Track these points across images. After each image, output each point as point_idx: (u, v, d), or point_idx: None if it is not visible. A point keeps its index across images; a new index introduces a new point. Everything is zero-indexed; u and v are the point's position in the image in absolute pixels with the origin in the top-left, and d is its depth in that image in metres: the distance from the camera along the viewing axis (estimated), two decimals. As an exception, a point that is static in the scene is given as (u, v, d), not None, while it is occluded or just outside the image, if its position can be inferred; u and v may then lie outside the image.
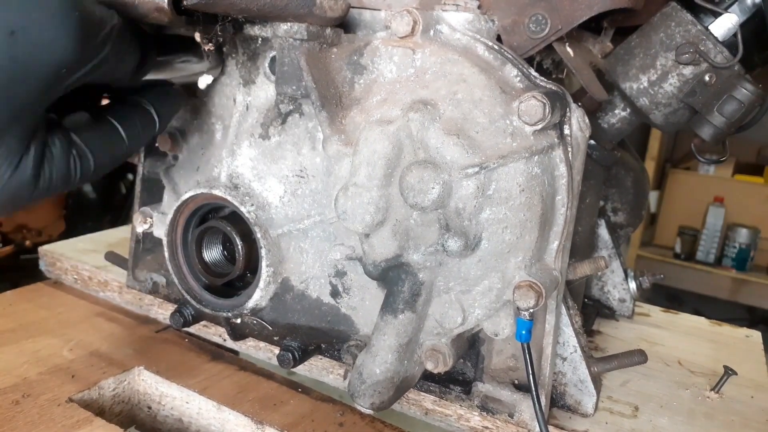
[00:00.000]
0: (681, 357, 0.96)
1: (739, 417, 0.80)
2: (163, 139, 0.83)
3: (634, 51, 0.78)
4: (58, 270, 1.10)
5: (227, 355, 0.90)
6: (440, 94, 0.64)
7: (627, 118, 0.84)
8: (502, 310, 0.66)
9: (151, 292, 0.95)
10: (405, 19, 0.66)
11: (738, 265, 3.53)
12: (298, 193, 0.73)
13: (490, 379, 0.74)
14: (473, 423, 0.76)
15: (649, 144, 3.49)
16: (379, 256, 0.67)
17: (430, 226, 0.64)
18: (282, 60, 0.68)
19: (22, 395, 0.74)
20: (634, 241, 3.61)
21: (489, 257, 0.64)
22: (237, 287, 0.80)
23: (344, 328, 0.75)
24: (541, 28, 0.71)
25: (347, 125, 0.67)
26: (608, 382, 0.86)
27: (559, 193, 0.66)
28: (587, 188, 0.86)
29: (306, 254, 0.75)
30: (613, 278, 1.05)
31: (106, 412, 0.79)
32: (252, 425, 0.74)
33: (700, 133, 0.76)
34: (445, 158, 0.61)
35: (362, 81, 0.70)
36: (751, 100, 0.72)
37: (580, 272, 0.76)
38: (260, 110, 0.75)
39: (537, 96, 0.60)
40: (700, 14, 0.74)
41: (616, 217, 1.03)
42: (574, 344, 0.76)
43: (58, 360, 0.83)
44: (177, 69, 0.69)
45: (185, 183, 0.83)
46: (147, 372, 0.82)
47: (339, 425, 0.75)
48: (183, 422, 0.81)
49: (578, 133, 0.67)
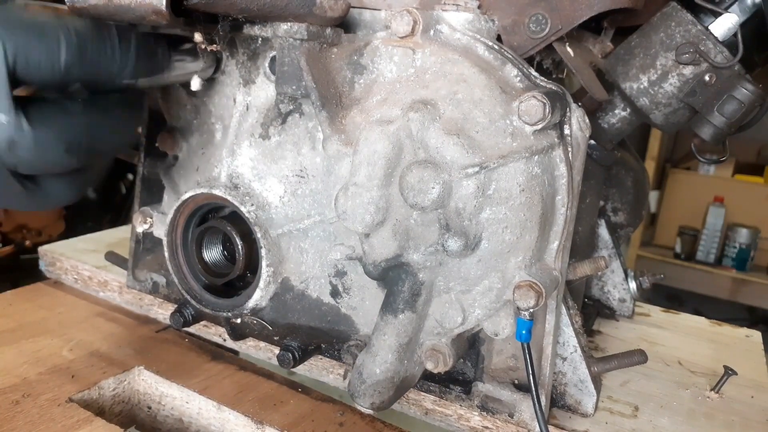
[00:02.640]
0: (681, 357, 0.96)
1: (739, 417, 0.80)
2: (164, 139, 0.83)
3: (634, 51, 0.78)
4: (58, 270, 1.10)
5: (227, 355, 0.90)
6: (440, 94, 0.64)
7: (627, 118, 0.84)
8: (502, 310, 0.66)
9: (151, 292, 0.95)
10: (405, 19, 0.66)
11: (738, 265, 3.53)
12: (298, 193, 0.73)
13: (490, 379, 0.74)
14: (473, 423, 0.76)
15: (649, 144, 3.49)
16: (379, 256, 0.67)
17: (430, 226, 0.64)
18: (282, 60, 0.68)
19: (22, 395, 0.74)
20: (634, 241, 3.61)
21: (489, 257, 0.64)
22: (237, 287, 0.80)
23: (344, 328, 0.75)
24: (541, 28, 0.71)
25: (347, 125, 0.67)
26: (608, 382, 0.86)
27: (559, 193, 0.66)
28: (587, 188, 0.86)
29: (306, 254, 0.75)
30: (613, 278, 1.05)
31: (106, 412, 0.79)
32: (252, 425, 0.74)
33: (700, 133, 0.76)
34: (445, 158, 0.61)
35: (362, 81, 0.70)
36: (751, 100, 0.72)
37: (580, 272, 0.76)
38: (260, 110, 0.75)
39: (537, 96, 0.60)
40: (700, 14, 0.74)
41: (616, 217, 1.03)
42: (574, 344, 0.76)
43: (58, 360, 0.83)
44: (172, 68, 0.69)
45: (185, 183, 0.83)
46: (147, 372, 0.82)
47: (339, 425, 0.75)
48: (183, 422, 0.81)
49: (578, 133, 0.67)
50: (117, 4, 0.55)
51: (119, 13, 0.56)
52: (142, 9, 0.56)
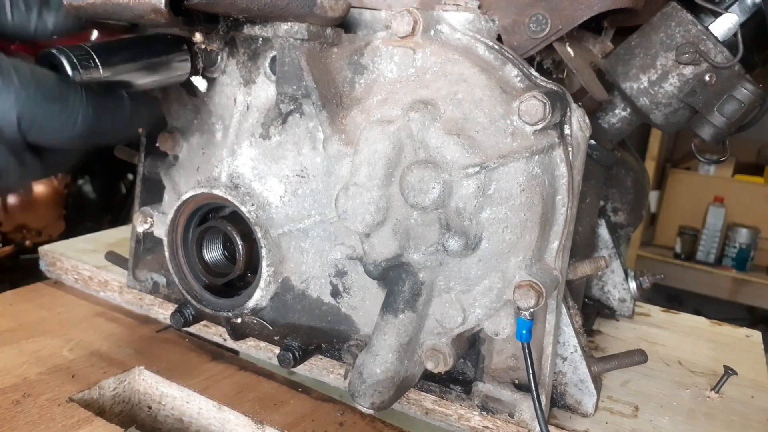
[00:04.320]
0: (681, 357, 0.96)
1: (739, 417, 0.80)
2: (164, 139, 0.83)
3: (635, 51, 0.78)
4: (58, 270, 1.10)
5: (227, 354, 0.90)
6: (441, 93, 0.64)
7: (627, 118, 0.84)
8: (503, 310, 0.66)
9: (152, 292, 0.95)
10: (405, 19, 0.66)
11: (738, 265, 3.53)
12: (298, 192, 0.73)
13: (491, 379, 0.74)
14: (473, 423, 0.76)
15: (649, 144, 3.50)
16: (379, 255, 0.67)
17: (431, 226, 0.64)
18: (282, 60, 0.68)
19: (22, 395, 0.74)
20: (635, 241, 3.61)
21: (489, 257, 0.64)
22: (237, 287, 0.80)
23: (345, 327, 0.75)
24: (542, 27, 0.71)
25: (348, 125, 0.67)
26: (608, 382, 0.86)
27: (560, 193, 0.66)
28: (587, 188, 0.86)
29: (306, 254, 0.75)
30: (614, 278, 1.05)
31: (107, 412, 0.79)
32: (252, 425, 0.74)
33: (701, 133, 0.76)
34: (445, 158, 0.61)
35: (363, 81, 0.70)
36: (751, 100, 0.72)
37: (581, 272, 0.76)
38: (261, 110, 0.75)
39: (537, 96, 0.60)
40: (700, 14, 0.74)
41: (616, 217, 1.03)
42: (574, 344, 0.76)
43: (58, 360, 0.83)
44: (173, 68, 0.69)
45: (186, 183, 0.83)
46: (147, 372, 0.82)
47: (339, 425, 0.75)
48: (183, 422, 0.81)
49: (578, 133, 0.67)
50: (115, 3, 0.55)
51: (117, 11, 0.56)
52: (141, 7, 0.55)
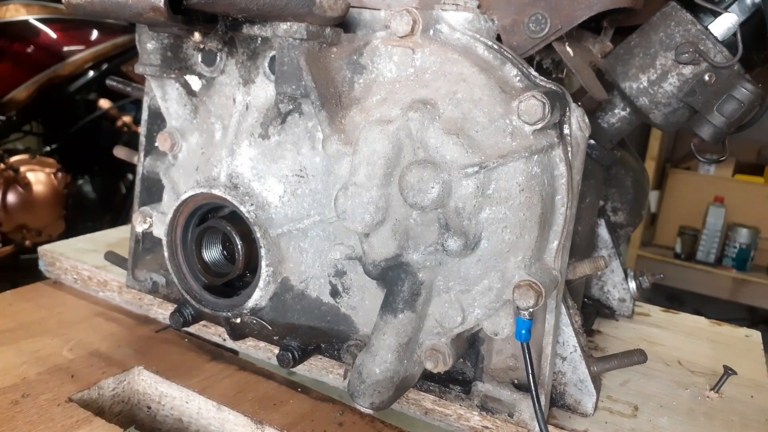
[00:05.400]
0: (681, 357, 0.96)
1: (738, 417, 0.80)
2: (164, 139, 0.83)
3: (634, 51, 0.78)
4: (57, 270, 1.10)
5: (227, 354, 0.90)
6: (440, 93, 0.64)
7: (627, 117, 0.84)
8: (502, 310, 0.66)
9: (151, 292, 0.95)
10: (405, 19, 0.66)
11: (738, 265, 3.53)
12: (297, 192, 0.73)
13: (490, 379, 0.74)
14: (473, 422, 0.76)
15: (649, 144, 3.49)
16: (378, 255, 0.67)
17: (430, 226, 0.64)
18: (282, 59, 0.68)
19: (21, 395, 0.74)
20: (634, 241, 3.61)
21: (488, 257, 0.64)
22: (236, 287, 0.80)
23: (344, 327, 0.75)
24: (541, 27, 0.71)
25: (347, 125, 0.67)
26: (608, 382, 0.86)
27: (559, 193, 0.66)
28: (587, 188, 0.86)
29: (306, 254, 0.75)
30: (613, 278, 1.05)
31: (106, 412, 0.79)
32: (251, 425, 0.74)
33: (700, 132, 0.76)
34: (444, 158, 0.61)
35: (362, 80, 0.70)
36: (750, 99, 0.72)
37: (580, 272, 0.76)
38: (260, 110, 0.75)
39: (537, 95, 0.60)
40: (700, 14, 0.74)
41: (616, 217, 1.03)
42: (573, 344, 0.76)
43: (57, 360, 0.83)
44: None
45: (185, 183, 0.83)
46: (147, 372, 0.82)
47: (339, 425, 0.75)
48: (183, 422, 0.81)
49: (578, 133, 0.67)
50: (114, 1, 0.55)
51: (116, 10, 0.56)
52: (140, 6, 0.55)
